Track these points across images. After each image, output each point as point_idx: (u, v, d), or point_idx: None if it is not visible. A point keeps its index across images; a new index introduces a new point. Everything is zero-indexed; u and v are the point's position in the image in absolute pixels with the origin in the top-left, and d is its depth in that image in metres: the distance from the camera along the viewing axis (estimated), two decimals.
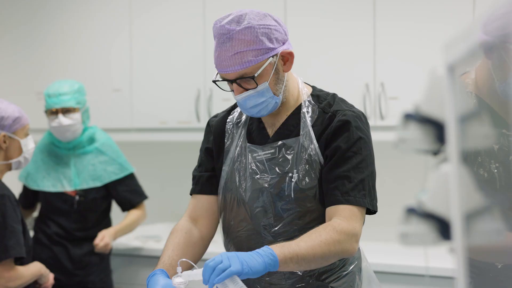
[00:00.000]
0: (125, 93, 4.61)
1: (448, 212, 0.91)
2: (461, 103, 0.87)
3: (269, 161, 2.26)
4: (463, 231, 0.88)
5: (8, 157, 3.10)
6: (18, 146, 3.10)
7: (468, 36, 0.77)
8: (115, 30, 4.66)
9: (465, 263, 0.89)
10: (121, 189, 3.90)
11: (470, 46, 0.77)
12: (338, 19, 4.06)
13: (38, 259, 3.74)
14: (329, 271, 2.25)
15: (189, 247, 2.29)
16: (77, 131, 3.79)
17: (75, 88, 3.78)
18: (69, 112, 3.73)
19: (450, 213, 0.89)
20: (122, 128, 4.62)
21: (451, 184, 0.88)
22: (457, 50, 0.80)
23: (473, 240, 0.89)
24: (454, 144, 0.87)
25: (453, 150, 0.88)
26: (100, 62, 4.71)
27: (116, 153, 3.93)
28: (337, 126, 2.20)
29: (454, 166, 0.88)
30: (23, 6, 4.93)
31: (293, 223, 2.22)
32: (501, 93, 2.03)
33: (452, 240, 0.91)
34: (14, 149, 3.10)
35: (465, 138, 0.91)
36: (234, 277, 1.90)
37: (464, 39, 0.78)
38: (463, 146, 0.91)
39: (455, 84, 0.86)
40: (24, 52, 4.95)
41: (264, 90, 2.17)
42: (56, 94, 3.71)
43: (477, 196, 0.89)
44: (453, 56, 0.83)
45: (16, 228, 3.01)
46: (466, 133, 0.91)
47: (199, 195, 2.41)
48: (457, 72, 0.85)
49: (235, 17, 2.14)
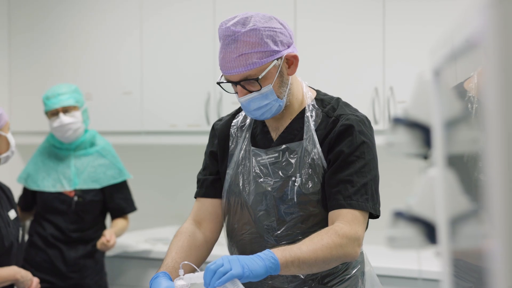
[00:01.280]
0: (136, 96, 4.63)
1: (434, 216, 0.91)
2: (447, 107, 0.87)
3: (272, 164, 2.26)
4: (449, 235, 0.88)
5: None
6: (6, 141, 3.15)
7: (449, 40, 0.77)
8: (125, 33, 4.68)
9: (450, 266, 0.89)
10: (117, 196, 3.95)
11: (450, 49, 0.77)
12: (347, 23, 4.06)
13: (32, 262, 3.77)
14: (332, 274, 2.25)
15: (193, 250, 2.30)
16: (78, 130, 3.83)
17: (72, 88, 3.86)
18: (69, 111, 3.79)
19: (436, 217, 0.89)
20: (132, 131, 4.63)
21: (437, 188, 0.88)
22: (440, 54, 0.80)
23: (459, 244, 0.88)
24: (440, 148, 0.87)
25: (439, 154, 0.87)
26: (111, 65, 4.72)
27: (115, 158, 3.99)
28: (340, 131, 2.19)
29: (440, 170, 0.88)
30: (34, 10, 4.96)
31: (296, 227, 2.22)
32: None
33: (438, 244, 0.90)
34: (3, 145, 3.15)
35: (453, 142, 0.91)
36: (235, 280, 1.90)
37: (446, 42, 0.78)
38: (453, 150, 0.91)
39: (441, 88, 0.85)
40: (34, 56, 4.97)
41: (268, 93, 2.17)
42: (54, 94, 3.78)
43: (463, 200, 0.89)
44: (437, 60, 0.83)
45: None
46: (454, 138, 0.91)
47: (203, 199, 2.42)
48: (442, 76, 0.85)
49: (241, 19, 2.15)
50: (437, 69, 0.86)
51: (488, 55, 0.57)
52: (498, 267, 0.59)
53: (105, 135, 4.23)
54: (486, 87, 0.58)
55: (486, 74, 0.58)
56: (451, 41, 0.76)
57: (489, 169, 0.62)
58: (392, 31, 3.94)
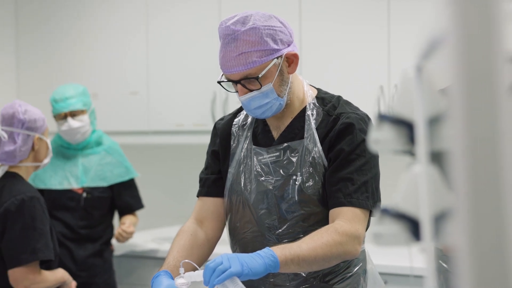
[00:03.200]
0: (142, 96, 4.64)
1: (418, 212, 0.91)
2: (430, 104, 0.87)
3: (273, 163, 2.27)
4: (432, 232, 0.88)
5: (37, 158, 3.16)
6: (46, 146, 3.18)
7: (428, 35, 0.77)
8: (131, 33, 4.70)
9: (434, 263, 0.89)
10: (125, 193, 3.97)
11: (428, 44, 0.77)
12: (352, 23, 4.06)
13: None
14: (333, 272, 2.25)
15: (194, 249, 2.30)
16: (86, 132, 3.85)
17: (79, 90, 3.86)
18: (77, 114, 3.80)
19: (420, 213, 0.90)
20: (139, 131, 4.64)
21: (420, 185, 0.88)
22: (420, 50, 0.80)
23: (442, 241, 0.89)
24: (422, 144, 0.87)
25: (422, 151, 0.88)
26: (117, 65, 4.74)
27: (122, 157, 4.01)
28: (340, 129, 2.19)
29: (423, 166, 0.88)
30: (41, 10, 4.99)
31: (297, 225, 2.22)
32: None
33: (422, 241, 0.91)
34: (43, 150, 3.17)
35: (436, 139, 0.91)
36: (234, 278, 1.91)
37: (425, 38, 0.78)
38: (436, 146, 0.91)
39: (423, 84, 0.86)
40: (41, 56, 5.00)
41: (268, 91, 2.18)
42: (62, 98, 3.79)
43: (448, 196, 0.89)
44: (419, 56, 0.83)
45: (45, 230, 3.04)
46: (438, 134, 0.91)
47: (205, 197, 2.42)
48: (425, 72, 0.85)
49: (241, 18, 2.15)
50: (419, 65, 0.86)
51: (449, 51, 0.58)
52: (463, 265, 0.59)
53: (112, 135, 4.24)
54: (449, 83, 0.59)
55: (447, 70, 0.59)
56: (427, 37, 0.77)
57: (453, 167, 0.63)
58: (397, 31, 3.94)
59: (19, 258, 3.00)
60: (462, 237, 0.59)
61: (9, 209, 3.00)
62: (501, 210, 0.57)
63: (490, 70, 0.56)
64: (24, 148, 3.10)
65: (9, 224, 3.00)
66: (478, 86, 0.57)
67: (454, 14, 0.57)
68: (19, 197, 3.02)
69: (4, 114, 3.12)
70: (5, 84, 5.09)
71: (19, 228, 3.00)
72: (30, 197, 3.03)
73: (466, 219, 0.59)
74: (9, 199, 3.02)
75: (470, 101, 0.57)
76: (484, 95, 0.57)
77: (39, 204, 3.04)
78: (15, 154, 3.08)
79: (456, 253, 0.63)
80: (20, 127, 3.09)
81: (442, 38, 0.65)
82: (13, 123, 3.09)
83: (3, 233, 3.02)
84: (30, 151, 3.12)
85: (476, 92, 0.57)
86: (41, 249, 3.02)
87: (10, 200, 3.01)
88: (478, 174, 0.60)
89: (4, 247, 3.03)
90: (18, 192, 3.04)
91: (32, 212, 3.01)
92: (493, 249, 0.57)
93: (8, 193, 3.04)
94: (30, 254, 3.00)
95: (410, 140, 0.94)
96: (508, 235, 0.56)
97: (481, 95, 0.57)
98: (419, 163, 0.90)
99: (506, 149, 0.58)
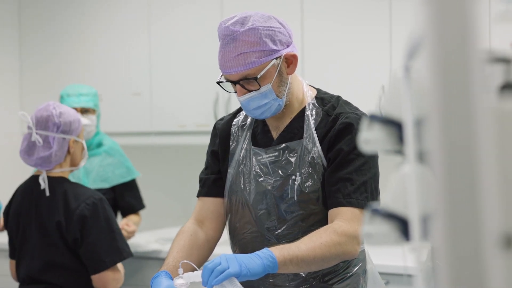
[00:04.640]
0: (145, 96, 4.64)
1: (407, 212, 0.91)
2: (418, 104, 0.87)
3: (272, 163, 2.27)
4: (421, 232, 0.88)
5: (73, 160, 3.06)
6: (81, 148, 3.07)
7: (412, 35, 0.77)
8: (134, 34, 4.70)
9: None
10: (127, 194, 3.97)
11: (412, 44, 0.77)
12: (354, 23, 4.06)
13: None
14: (333, 272, 2.24)
15: (194, 249, 2.31)
16: (91, 132, 3.86)
17: (93, 91, 3.90)
18: (87, 112, 3.81)
19: (409, 213, 0.90)
20: (142, 132, 4.65)
21: (409, 184, 0.88)
22: (407, 49, 0.80)
23: (431, 241, 0.89)
24: (411, 144, 0.88)
25: (410, 151, 0.88)
26: (120, 66, 4.75)
27: (123, 157, 4.01)
28: (340, 129, 2.19)
29: (411, 166, 0.88)
30: (44, 11, 5.00)
31: (296, 226, 2.22)
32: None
33: (412, 240, 0.91)
34: (78, 153, 3.06)
35: (424, 139, 0.91)
36: (232, 279, 1.91)
37: (410, 39, 0.78)
38: (422, 147, 0.91)
39: (411, 84, 0.86)
40: (44, 56, 5.01)
41: (267, 92, 2.18)
42: (76, 94, 3.80)
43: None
44: (406, 56, 0.83)
45: (119, 229, 3.02)
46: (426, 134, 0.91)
47: (205, 198, 2.43)
48: (413, 72, 0.85)
49: (240, 18, 2.16)
50: (407, 65, 0.86)
51: (425, 52, 0.58)
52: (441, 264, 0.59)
53: (115, 136, 4.25)
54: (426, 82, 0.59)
55: (424, 69, 0.59)
56: (412, 37, 0.77)
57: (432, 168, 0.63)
58: (398, 31, 3.93)
59: (104, 261, 2.94)
60: (440, 237, 0.59)
61: (84, 214, 2.91)
62: (476, 211, 0.57)
63: (465, 71, 0.56)
64: (60, 152, 2.96)
65: (87, 229, 2.92)
66: (453, 87, 0.57)
67: (429, 15, 0.57)
68: (89, 201, 2.94)
69: (38, 117, 2.97)
70: (8, 85, 5.11)
71: (98, 232, 2.94)
72: (99, 199, 2.97)
73: (443, 220, 0.59)
74: (79, 204, 2.93)
75: (445, 102, 0.57)
76: (459, 97, 0.57)
77: (107, 205, 3.01)
78: (51, 159, 2.96)
79: (436, 252, 0.63)
80: (55, 131, 2.95)
81: (422, 38, 0.65)
82: (48, 126, 2.94)
83: (82, 240, 2.93)
84: (66, 154, 3.01)
85: (452, 94, 0.57)
86: (124, 248, 3.00)
87: (81, 206, 2.93)
88: (454, 175, 0.60)
89: (85, 252, 2.95)
90: (84, 195, 2.96)
91: (105, 213, 2.96)
92: (469, 249, 0.57)
93: (75, 199, 2.95)
94: (116, 255, 2.97)
95: (400, 140, 0.95)
96: (483, 234, 0.56)
97: (457, 97, 0.57)
98: (408, 163, 0.90)
99: (482, 150, 0.58)
